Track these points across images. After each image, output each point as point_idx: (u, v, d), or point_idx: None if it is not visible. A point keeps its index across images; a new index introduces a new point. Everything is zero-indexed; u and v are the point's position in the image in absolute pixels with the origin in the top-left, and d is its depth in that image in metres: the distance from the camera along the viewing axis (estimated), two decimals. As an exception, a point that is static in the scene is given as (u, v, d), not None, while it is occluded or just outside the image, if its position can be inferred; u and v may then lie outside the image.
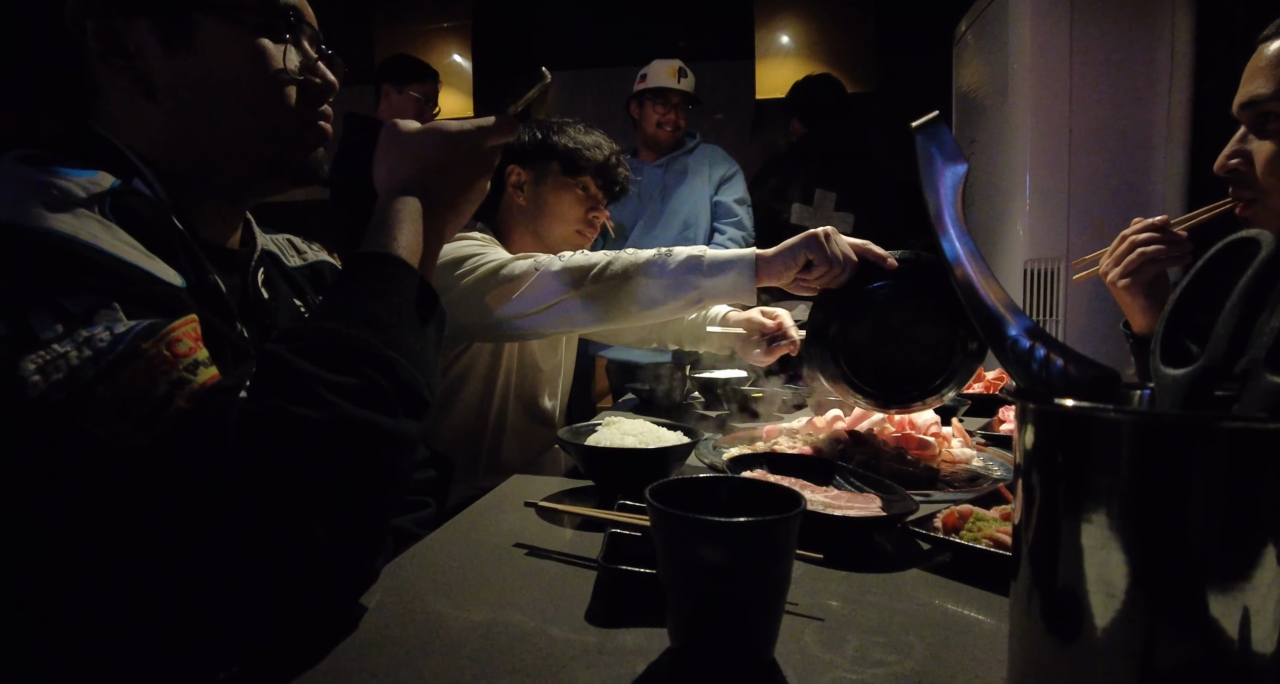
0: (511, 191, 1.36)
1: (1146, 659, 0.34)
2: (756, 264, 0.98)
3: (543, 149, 1.35)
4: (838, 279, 0.98)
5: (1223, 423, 0.34)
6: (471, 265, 1.08)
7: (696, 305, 1.02)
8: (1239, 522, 0.33)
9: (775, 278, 1.00)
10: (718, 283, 0.99)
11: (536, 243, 1.37)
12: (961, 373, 0.96)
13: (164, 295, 0.49)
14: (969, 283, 0.49)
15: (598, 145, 1.36)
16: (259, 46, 0.61)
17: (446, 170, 0.67)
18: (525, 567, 0.66)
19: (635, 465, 0.88)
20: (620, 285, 1.01)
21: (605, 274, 1.02)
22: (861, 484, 0.82)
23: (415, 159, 0.67)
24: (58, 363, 0.43)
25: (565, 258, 1.05)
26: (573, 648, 0.51)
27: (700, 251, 1.01)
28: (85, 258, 0.47)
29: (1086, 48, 2.10)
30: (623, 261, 1.02)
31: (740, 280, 0.99)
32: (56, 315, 0.44)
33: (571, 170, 1.34)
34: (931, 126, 0.55)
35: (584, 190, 1.36)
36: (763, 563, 0.46)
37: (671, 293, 1.00)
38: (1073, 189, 2.12)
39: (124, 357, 0.44)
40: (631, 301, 1.02)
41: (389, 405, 0.51)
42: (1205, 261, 0.42)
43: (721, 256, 1.00)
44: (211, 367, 0.48)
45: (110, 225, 0.50)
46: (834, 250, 0.96)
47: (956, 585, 0.61)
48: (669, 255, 1.01)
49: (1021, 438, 0.40)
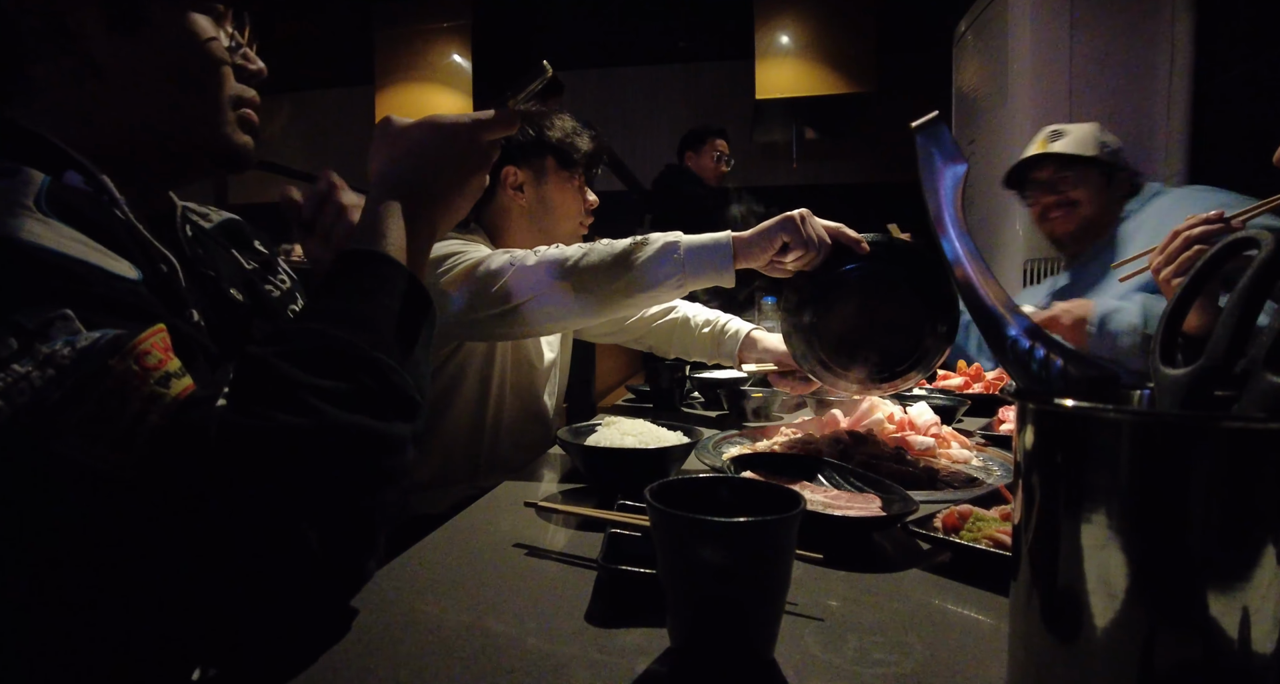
0: (511, 194, 1.34)
1: (1146, 659, 0.34)
2: (734, 247, 0.99)
3: (537, 146, 1.34)
4: (812, 262, 0.99)
5: (1223, 423, 0.34)
6: (451, 264, 1.08)
7: (676, 291, 1.03)
8: (1239, 522, 0.33)
9: (752, 260, 1.01)
10: (696, 267, 1.00)
11: (543, 240, 1.36)
12: (932, 354, 0.98)
13: (123, 293, 0.47)
14: (969, 283, 0.49)
15: (577, 131, 1.36)
16: (202, 27, 0.61)
17: (442, 165, 0.66)
18: (524, 567, 0.66)
19: (635, 465, 0.88)
20: (598, 276, 1.01)
21: (581, 265, 1.02)
22: (861, 484, 0.82)
23: (410, 154, 0.65)
24: (20, 385, 0.41)
25: (540, 252, 1.06)
26: (572, 648, 0.51)
27: (676, 237, 1.01)
28: (32, 260, 0.44)
29: (1086, 48, 2.10)
30: (599, 252, 1.02)
31: (718, 264, 1.00)
32: (9, 331, 0.42)
33: (567, 163, 1.34)
34: (931, 126, 0.55)
35: (580, 180, 1.37)
36: (763, 563, 0.46)
37: (650, 280, 1.01)
38: (1072, 189, 2.12)
39: (91, 376, 0.42)
40: (611, 291, 1.02)
41: (379, 408, 0.50)
42: (1205, 261, 0.42)
43: (698, 242, 1.00)
44: (185, 377, 0.46)
45: (50, 222, 0.47)
46: (809, 233, 0.98)
47: (956, 585, 0.61)
48: (645, 243, 1.01)
49: (1021, 438, 0.40)
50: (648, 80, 4.80)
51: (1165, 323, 0.42)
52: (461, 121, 0.66)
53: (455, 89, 3.93)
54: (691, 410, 1.53)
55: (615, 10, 4.07)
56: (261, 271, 0.79)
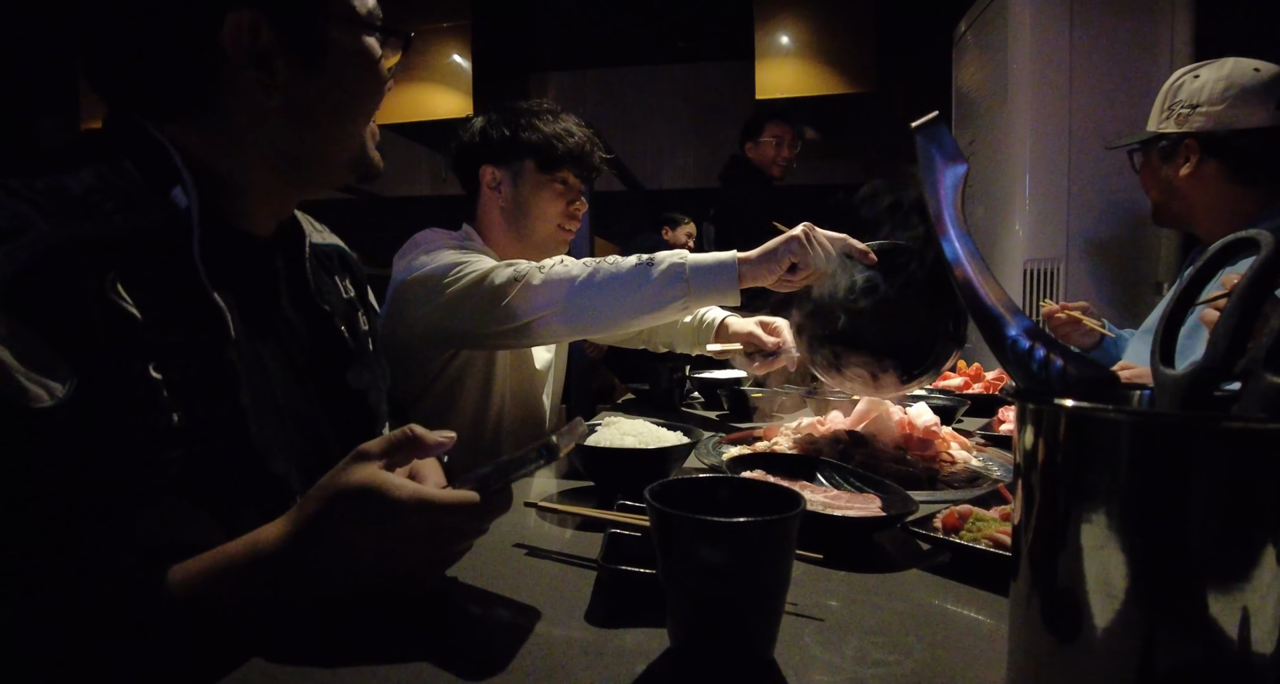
0: (489, 192, 1.33)
1: (1146, 659, 0.34)
2: (739, 269, 0.99)
3: (513, 147, 1.30)
4: (821, 278, 0.99)
5: (1223, 423, 0.34)
6: (457, 275, 1.08)
7: (681, 312, 1.02)
8: (1239, 522, 0.33)
9: (759, 280, 1.00)
10: (701, 289, 0.99)
11: (519, 243, 1.35)
12: (944, 356, 0.99)
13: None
14: (969, 283, 0.49)
15: (569, 132, 1.31)
16: (375, 57, 0.64)
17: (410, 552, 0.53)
18: (524, 567, 0.66)
19: (635, 465, 0.88)
20: (605, 297, 1.01)
21: (589, 286, 1.01)
22: (861, 484, 0.82)
23: (388, 540, 0.52)
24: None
25: (546, 269, 1.04)
26: (572, 648, 0.51)
27: (682, 258, 1.01)
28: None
29: (1086, 48, 2.10)
30: (605, 272, 1.02)
31: (723, 285, 0.99)
32: None
33: (548, 166, 1.30)
34: (931, 126, 0.55)
35: (563, 184, 1.32)
36: (763, 563, 0.46)
37: (656, 302, 1.00)
38: (1072, 189, 2.13)
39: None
40: (616, 312, 1.02)
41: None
42: (1205, 261, 0.42)
43: (704, 262, 1.00)
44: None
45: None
46: (816, 250, 0.98)
47: (956, 585, 0.61)
48: (651, 264, 1.01)
49: (1021, 438, 0.40)
50: (648, 80, 4.80)
51: (1164, 323, 0.42)
52: (449, 503, 0.52)
53: (455, 89, 3.93)
54: (691, 410, 1.53)
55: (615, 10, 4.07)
56: (354, 303, 0.81)
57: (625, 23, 4.21)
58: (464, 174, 1.38)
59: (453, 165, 1.38)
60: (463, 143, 1.36)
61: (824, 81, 3.67)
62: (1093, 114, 2.09)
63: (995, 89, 2.35)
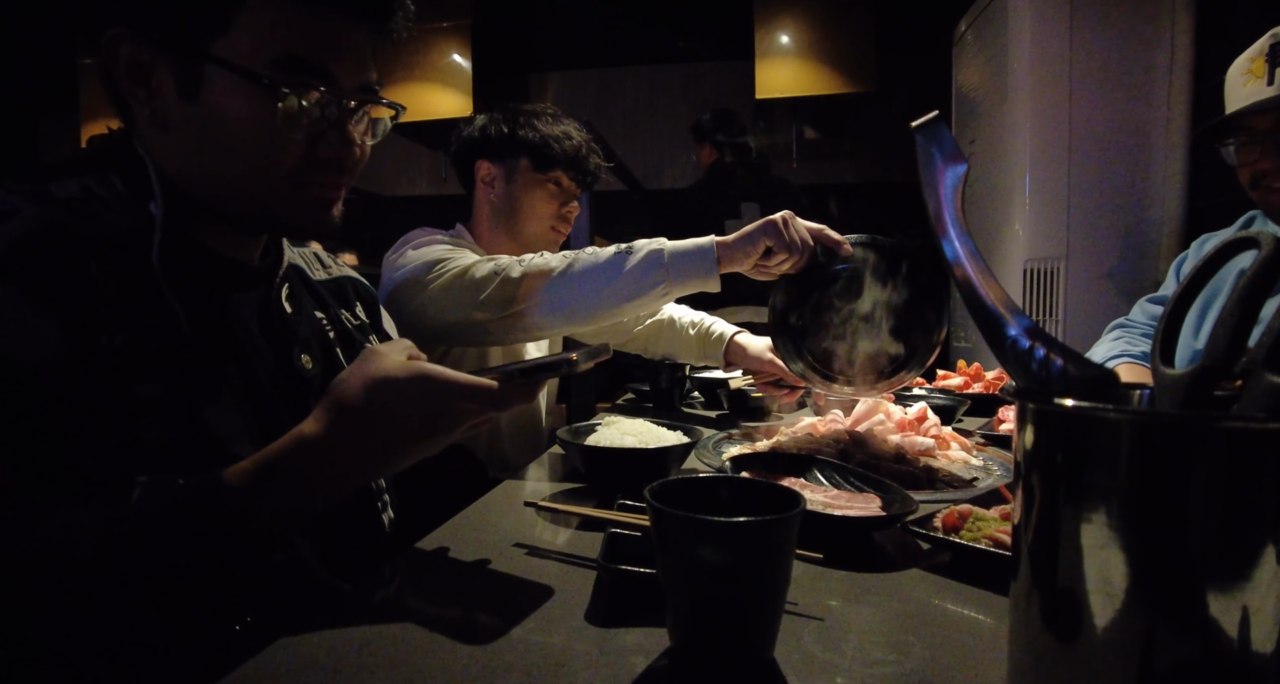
0: (483, 187, 1.34)
1: (1146, 659, 0.34)
2: (717, 253, 0.99)
3: (510, 144, 1.31)
4: (796, 265, 0.99)
5: (1223, 423, 0.34)
6: (440, 270, 1.08)
7: (663, 299, 1.03)
8: (1239, 522, 0.33)
9: (736, 264, 1.01)
10: (680, 274, 1.00)
11: (510, 241, 1.36)
12: (921, 352, 0.99)
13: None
14: (969, 283, 0.49)
15: (567, 135, 1.32)
16: (266, 106, 0.60)
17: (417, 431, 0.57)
18: (524, 567, 0.66)
19: (635, 465, 0.88)
20: (584, 286, 1.01)
21: (567, 275, 1.02)
22: (861, 484, 0.82)
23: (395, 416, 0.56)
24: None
25: (525, 262, 1.05)
26: (573, 648, 0.51)
27: (660, 245, 1.01)
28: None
29: (1086, 48, 2.10)
30: (583, 262, 1.02)
31: (702, 270, 0.99)
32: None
33: (543, 165, 1.31)
34: (931, 126, 0.55)
35: (557, 185, 1.33)
36: (762, 563, 0.46)
37: (636, 290, 1.00)
38: (1072, 189, 2.13)
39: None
40: (597, 302, 1.02)
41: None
42: (1205, 261, 0.42)
43: (682, 248, 1.00)
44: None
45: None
46: (792, 236, 0.98)
47: (956, 585, 0.61)
48: (629, 252, 1.01)
49: (1021, 438, 0.40)
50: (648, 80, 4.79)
51: (1164, 323, 0.42)
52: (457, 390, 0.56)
53: (455, 89, 3.93)
54: (691, 410, 1.53)
55: (615, 10, 4.07)
56: (353, 335, 0.81)
57: (625, 23, 4.21)
58: (462, 169, 1.39)
59: (452, 161, 1.40)
60: (463, 138, 1.38)
61: (824, 81, 3.68)
62: (1093, 114, 2.09)
63: (995, 89, 2.35)
